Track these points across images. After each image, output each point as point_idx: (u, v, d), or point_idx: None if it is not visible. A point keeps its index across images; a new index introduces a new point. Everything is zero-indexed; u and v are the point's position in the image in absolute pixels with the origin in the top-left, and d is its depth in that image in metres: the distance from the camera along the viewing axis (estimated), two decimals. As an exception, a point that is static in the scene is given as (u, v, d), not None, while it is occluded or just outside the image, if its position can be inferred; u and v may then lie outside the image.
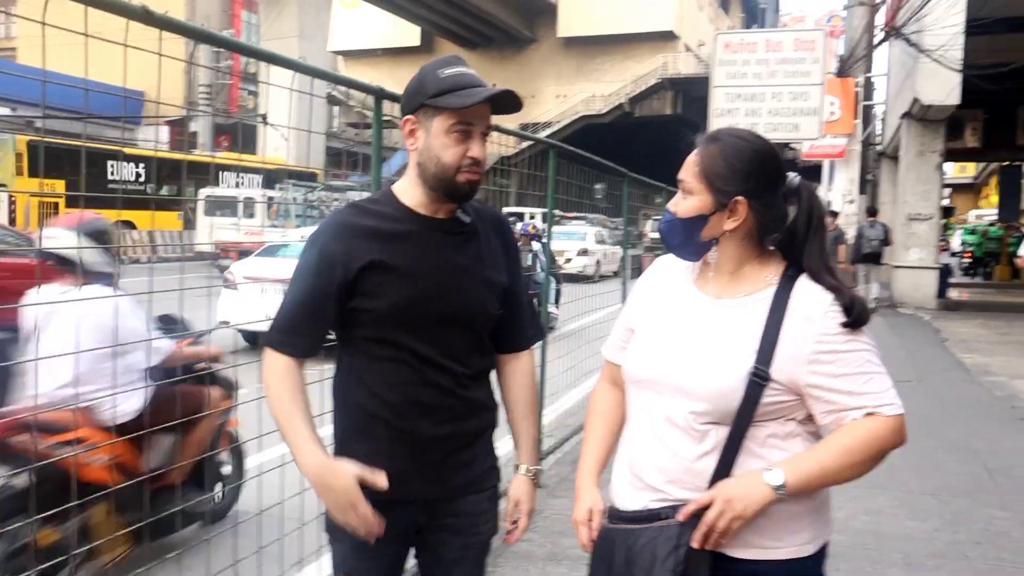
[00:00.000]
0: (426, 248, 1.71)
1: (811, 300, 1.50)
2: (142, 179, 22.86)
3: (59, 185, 17.89)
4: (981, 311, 14.22)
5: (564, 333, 7.41)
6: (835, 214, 13.04)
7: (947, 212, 32.73)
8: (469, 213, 1.79)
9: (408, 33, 48.60)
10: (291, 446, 1.64)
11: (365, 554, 1.74)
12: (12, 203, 18.98)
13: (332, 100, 35.48)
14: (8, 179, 19.48)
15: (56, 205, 16.66)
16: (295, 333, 1.70)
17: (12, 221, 17.96)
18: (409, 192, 1.74)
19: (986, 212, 32.87)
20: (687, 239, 1.58)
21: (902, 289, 15.19)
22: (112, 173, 21.55)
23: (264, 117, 28.16)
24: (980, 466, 5.36)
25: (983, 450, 5.73)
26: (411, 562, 1.86)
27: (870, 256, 14.24)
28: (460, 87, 1.64)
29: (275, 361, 1.69)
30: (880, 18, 17.71)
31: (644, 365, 1.61)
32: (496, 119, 1.77)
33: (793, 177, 1.59)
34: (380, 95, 2.82)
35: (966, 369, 8.95)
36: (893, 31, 14.51)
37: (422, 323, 1.70)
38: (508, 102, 1.70)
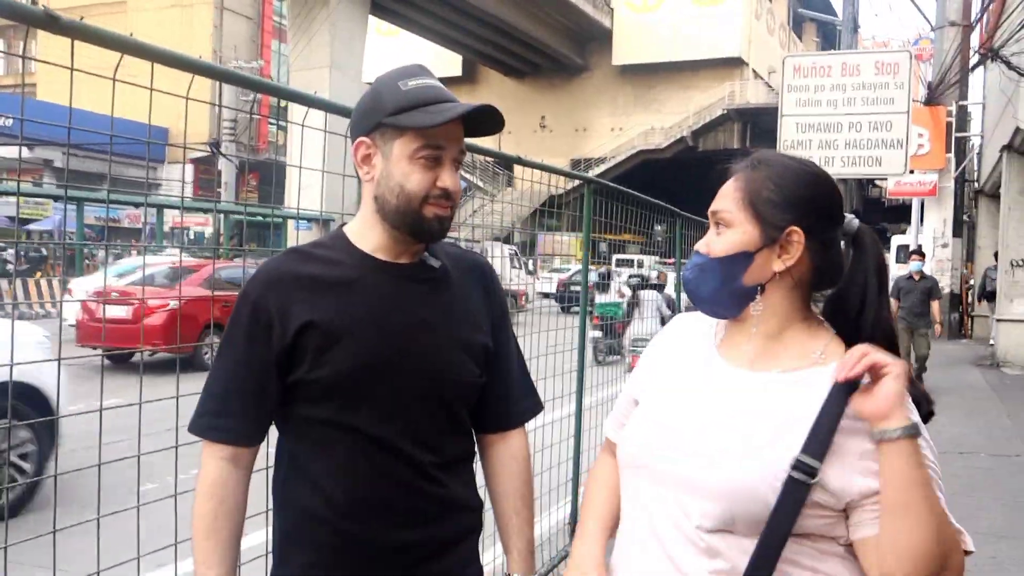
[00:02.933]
0: (382, 300, 1.50)
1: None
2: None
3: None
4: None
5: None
6: (922, 254, 11.93)
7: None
8: (439, 257, 1.59)
9: (449, 62, 49.73)
10: None
11: None
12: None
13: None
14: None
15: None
16: (229, 415, 1.49)
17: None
18: (364, 234, 1.55)
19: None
20: (724, 285, 1.36)
21: (1007, 346, 14.72)
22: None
23: (218, 145, 29.09)
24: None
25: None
26: None
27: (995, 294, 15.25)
28: (427, 102, 1.45)
29: (209, 461, 1.50)
30: (975, 40, 17.60)
31: (643, 447, 1.38)
32: (553, 154, 1.61)
33: (852, 219, 1.39)
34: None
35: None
36: (990, 53, 14.37)
37: (378, 397, 1.48)
38: (486, 121, 1.52)
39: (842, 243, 1.41)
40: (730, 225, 1.36)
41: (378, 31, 44.51)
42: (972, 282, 21.15)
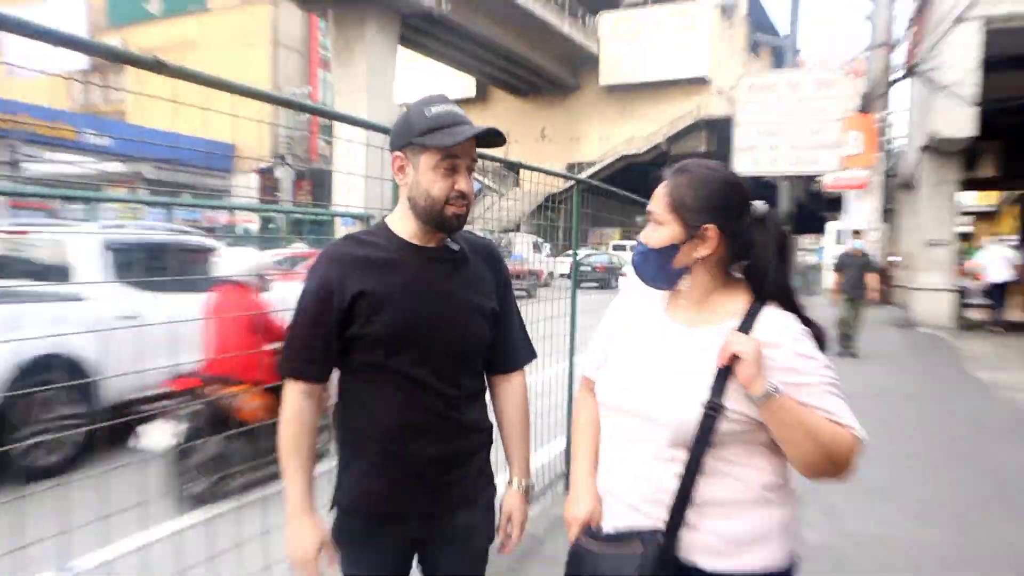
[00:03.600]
0: (416, 275, 1.65)
1: (774, 328, 1.42)
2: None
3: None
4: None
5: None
6: (858, 232, 11.48)
7: (964, 238, 31.73)
8: (459, 242, 1.74)
9: (465, 84, 49.49)
10: (285, 489, 1.65)
11: (368, 565, 1.71)
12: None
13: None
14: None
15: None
16: (305, 360, 1.66)
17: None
18: (401, 224, 1.70)
19: (1010, 238, 31.16)
20: (659, 269, 1.50)
21: (920, 310, 14.81)
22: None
23: (283, 158, 29.14)
24: (993, 479, 5.06)
25: (997, 464, 5.40)
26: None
27: None
28: (446, 124, 1.59)
29: (291, 395, 1.67)
30: (902, 58, 17.49)
31: (615, 393, 1.55)
32: (552, 159, 1.75)
33: (759, 205, 1.50)
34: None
35: (983, 385, 8.52)
36: (911, 69, 14.33)
37: (414, 347, 1.63)
38: (492, 138, 1.66)
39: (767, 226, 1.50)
40: (661, 223, 1.49)
41: (406, 60, 44.28)
42: (898, 258, 21.09)
